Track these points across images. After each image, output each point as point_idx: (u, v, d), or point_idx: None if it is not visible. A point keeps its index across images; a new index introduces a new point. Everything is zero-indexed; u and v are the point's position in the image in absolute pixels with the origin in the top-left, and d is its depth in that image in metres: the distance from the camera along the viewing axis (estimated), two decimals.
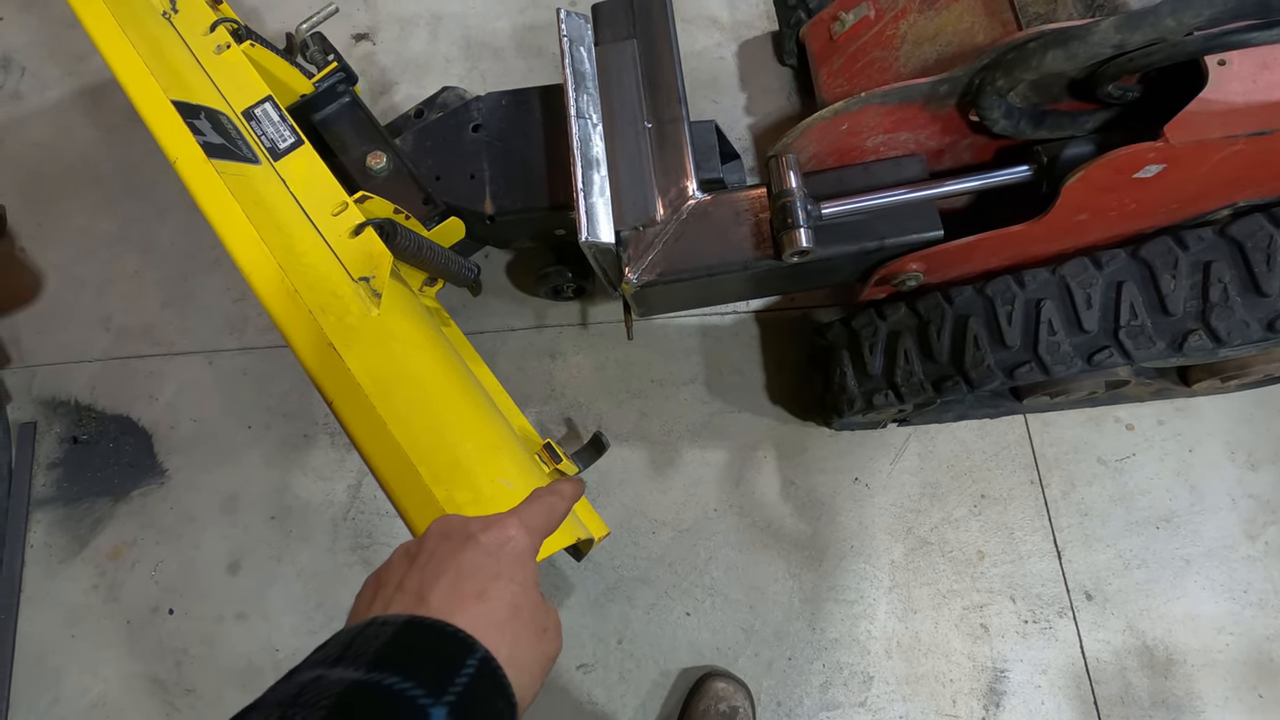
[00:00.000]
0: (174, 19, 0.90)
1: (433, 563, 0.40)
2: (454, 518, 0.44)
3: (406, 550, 0.42)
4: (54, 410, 1.22)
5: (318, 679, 0.33)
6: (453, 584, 0.39)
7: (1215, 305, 0.80)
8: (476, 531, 0.42)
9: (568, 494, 0.50)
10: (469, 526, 0.43)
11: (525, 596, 0.41)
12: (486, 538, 0.42)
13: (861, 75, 0.99)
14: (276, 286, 0.69)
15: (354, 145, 1.02)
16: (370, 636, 0.35)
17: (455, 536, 0.42)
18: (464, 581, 0.39)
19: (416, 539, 0.43)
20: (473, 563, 0.40)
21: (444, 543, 0.41)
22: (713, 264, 0.89)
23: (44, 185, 1.34)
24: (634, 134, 0.94)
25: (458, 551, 0.41)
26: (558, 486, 0.50)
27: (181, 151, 0.73)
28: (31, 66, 1.41)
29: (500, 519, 0.44)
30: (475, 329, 1.21)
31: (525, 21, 1.40)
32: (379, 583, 0.41)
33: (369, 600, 0.41)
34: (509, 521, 0.43)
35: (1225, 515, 1.08)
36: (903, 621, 1.06)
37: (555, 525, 0.48)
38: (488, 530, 0.42)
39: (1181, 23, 0.63)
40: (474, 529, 0.42)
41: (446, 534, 0.42)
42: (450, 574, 0.39)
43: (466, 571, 0.40)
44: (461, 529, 0.42)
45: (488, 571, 0.40)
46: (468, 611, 0.37)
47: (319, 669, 0.33)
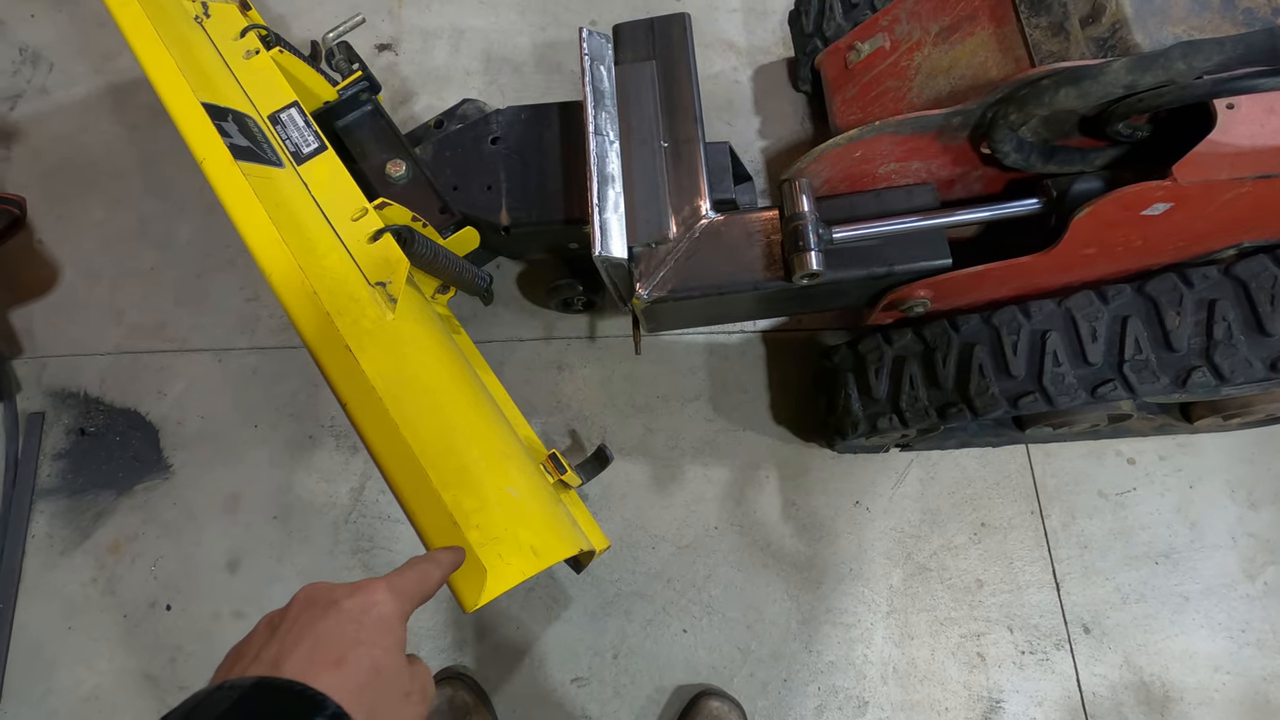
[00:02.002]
0: (206, 24, 0.92)
1: (293, 631, 0.41)
2: (321, 585, 0.44)
3: (270, 620, 0.43)
4: (63, 402, 1.23)
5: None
6: (310, 651, 0.39)
7: (1219, 343, 0.81)
8: (341, 598, 0.42)
9: (444, 562, 0.51)
10: (334, 593, 0.43)
11: (388, 660, 0.41)
12: (350, 603, 0.42)
13: (875, 104, 1.00)
14: (296, 287, 0.70)
15: (375, 153, 1.04)
16: (215, 702, 0.35)
17: (319, 604, 0.42)
18: (321, 648, 0.39)
19: (281, 609, 0.43)
20: (333, 630, 0.41)
21: (306, 610, 0.42)
22: (723, 283, 0.90)
23: (65, 179, 1.36)
24: (650, 152, 0.95)
25: (319, 619, 0.41)
26: (436, 555, 0.51)
27: (209, 152, 0.75)
28: (60, 63, 1.44)
29: (367, 584, 0.44)
30: (485, 338, 1.22)
31: (546, 38, 1.43)
32: (238, 654, 0.42)
33: (226, 671, 0.41)
34: (376, 587, 0.44)
35: (1225, 553, 1.08)
36: (899, 647, 1.05)
37: (429, 593, 0.49)
38: (353, 596, 0.43)
39: (1191, 66, 0.65)
40: (338, 595, 0.43)
41: (310, 602, 0.43)
42: (308, 641, 0.40)
43: (325, 638, 0.40)
44: (326, 596, 0.43)
45: (348, 638, 0.40)
46: (324, 677, 0.38)
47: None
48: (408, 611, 0.45)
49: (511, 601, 1.09)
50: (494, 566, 0.62)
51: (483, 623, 1.08)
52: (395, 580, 0.46)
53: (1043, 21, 0.84)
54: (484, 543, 0.63)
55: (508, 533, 0.66)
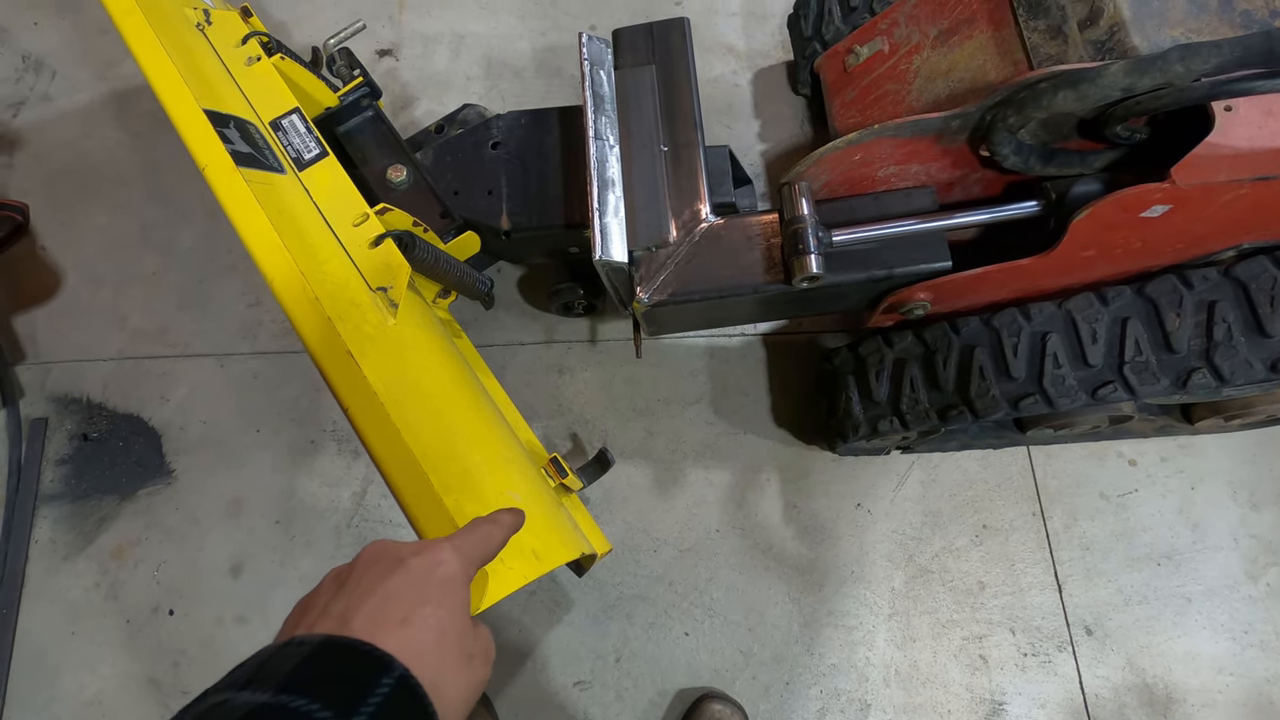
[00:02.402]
0: (208, 31, 0.92)
1: (359, 588, 0.40)
2: (386, 543, 0.44)
3: (336, 575, 0.43)
4: (66, 407, 1.23)
5: (224, 703, 0.32)
6: (376, 608, 0.39)
7: (1219, 344, 0.81)
8: (407, 556, 0.42)
9: (506, 524, 0.51)
10: (400, 551, 0.42)
11: (453, 622, 0.41)
12: (416, 562, 0.42)
13: (874, 107, 1.01)
14: (297, 293, 0.71)
15: (376, 158, 1.04)
16: (284, 658, 0.35)
17: (384, 561, 0.42)
18: (388, 606, 0.39)
19: (347, 564, 0.43)
20: (399, 587, 0.40)
21: (372, 568, 0.41)
22: (723, 286, 0.90)
23: (68, 185, 1.36)
24: (650, 157, 0.96)
25: (385, 576, 0.41)
26: (497, 516, 0.50)
27: (211, 159, 0.75)
28: (63, 70, 1.45)
29: (433, 544, 0.43)
30: (485, 342, 1.22)
31: (546, 43, 1.43)
32: (305, 607, 0.41)
33: (293, 625, 0.40)
34: (441, 547, 0.43)
35: (1227, 555, 1.08)
36: (901, 650, 1.05)
37: (492, 554, 0.48)
38: (418, 555, 0.42)
39: (1189, 69, 0.65)
40: (404, 554, 0.42)
41: (376, 559, 0.42)
42: (375, 598, 0.39)
43: (392, 596, 0.40)
44: (392, 553, 0.42)
45: (414, 597, 0.40)
46: (390, 636, 0.37)
47: (227, 692, 0.33)
48: (471, 573, 0.45)
49: (513, 605, 1.09)
50: (496, 570, 0.62)
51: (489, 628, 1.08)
52: (460, 541, 0.45)
53: (1041, 24, 0.84)
54: None
55: None
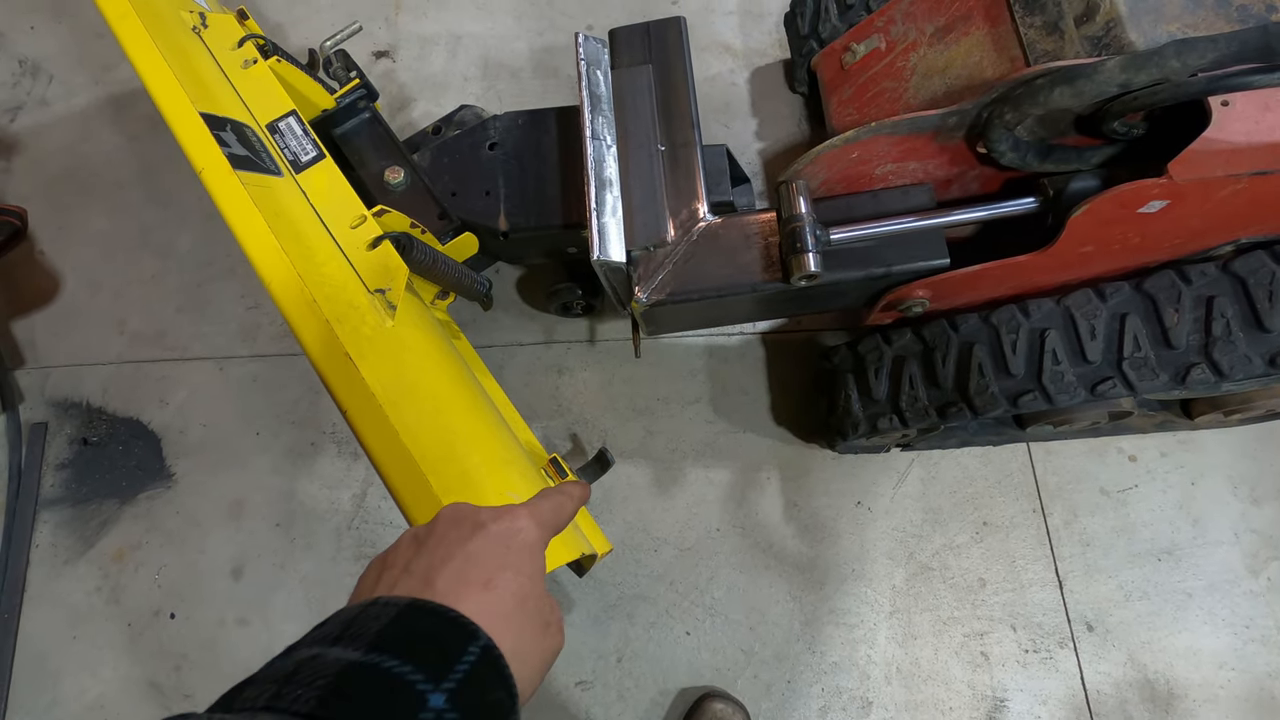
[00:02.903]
0: (204, 34, 0.92)
1: (441, 548, 0.40)
2: (464, 505, 0.43)
3: (415, 534, 0.42)
4: (66, 411, 1.23)
5: (315, 657, 0.32)
6: (459, 570, 0.38)
7: (1218, 339, 0.81)
8: (487, 520, 0.41)
9: (576, 495, 0.50)
10: (479, 515, 0.42)
11: (532, 589, 0.40)
12: (497, 527, 0.41)
13: (871, 105, 1.01)
14: (295, 296, 0.71)
15: (373, 160, 1.04)
16: (371, 617, 0.34)
17: (465, 524, 0.41)
18: (471, 568, 0.38)
19: (426, 524, 0.43)
20: (481, 551, 0.39)
21: (453, 529, 0.41)
22: (721, 285, 0.90)
23: (67, 190, 1.36)
24: (647, 156, 0.96)
25: (467, 539, 0.40)
26: (566, 487, 0.50)
27: (208, 162, 0.75)
28: (60, 74, 1.45)
29: (511, 510, 0.43)
30: (484, 342, 1.22)
31: (543, 43, 1.43)
32: (384, 564, 0.41)
33: (373, 582, 0.40)
34: (519, 513, 0.43)
35: (1228, 549, 1.08)
36: (903, 647, 1.05)
37: (564, 524, 0.48)
38: (498, 520, 0.42)
39: (1185, 64, 0.65)
40: (484, 518, 0.42)
41: (456, 520, 0.42)
42: (458, 560, 0.39)
43: (474, 559, 0.39)
44: (472, 517, 0.42)
45: (495, 561, 0.39)
46: (473, 599, 0.37)
47: (317, 647, 0.33)
48: (547, 540, 0.44)
49: None
50: None
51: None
52: (535, 508, 0.45)
53: (1037, 21, 0.84)
54: None
55: None
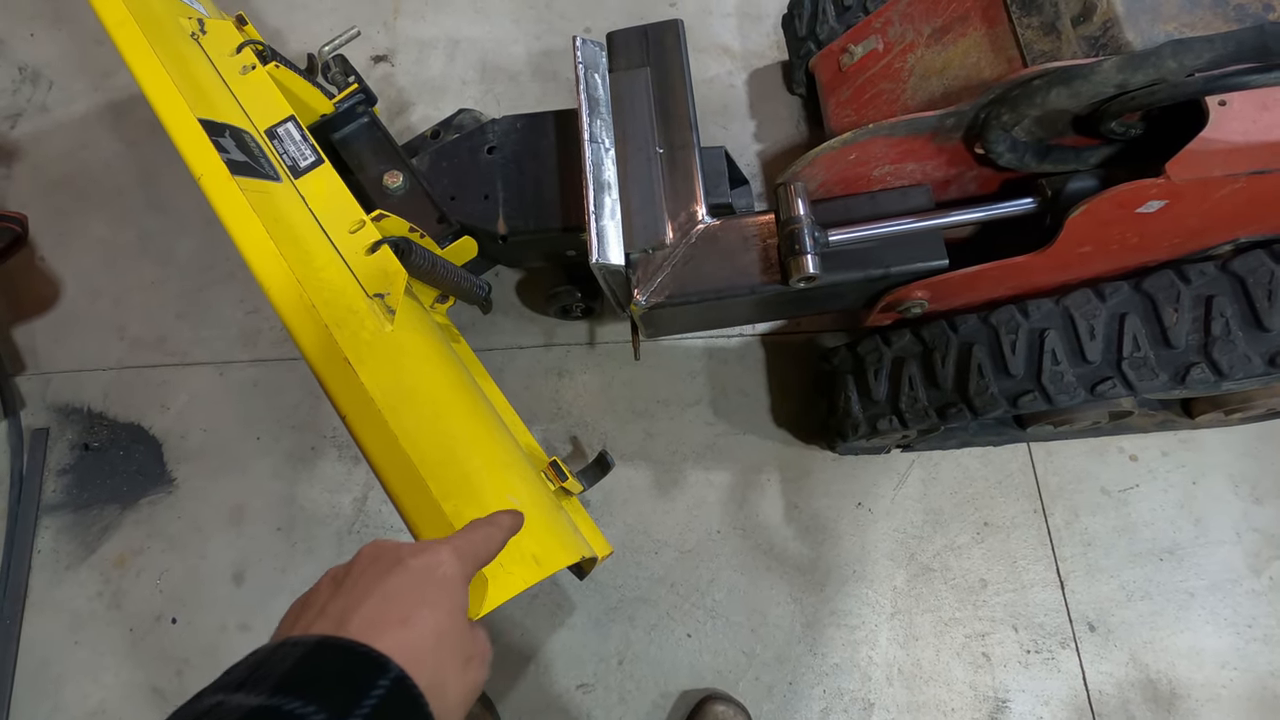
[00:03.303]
0: (202, 40, 0.92)
1: (358, 587, 0.40)
2: (386, 543, 0.44)
3: (334, 575, 0.42)
4: (67, 417, 1.23)
5: (218, 705, 0.32)
6: (376, 608, 0.38)
7: (1217, 339, 0.81)
8: (406, 556, 0.42)
9: (506, 525, 0.51)
10: (399, 551, 0.42)
11: (451, 623, 0.40)
12: (416, 562, 0.41)
13: (869, 106, 1.01)
14: (294, 301, 0.71)
15: (372, 164, 1.04)
16: (280, 659, 0.35)
17: (383, 561, 0.42)
18: (387, 606, 0.39)
19: (345, 564, 0.43)
20: (398, 587, 0.40)
21: (372, 566, 0.41)
22: (720, 288, 0.90)
23: (66, 196, 1.37)
24: (645, 159, 0.96)
25: (384, 576, 0.40)
26: (496, 518, 0.50)
27: (206, 168, 0.75)
28: (59, 81, 1.45)
29: (432, 544, 0.43)
30: (484, 346, 1.22)
31: (541, 47, 1.43)
32: (303, 606, 0.41)
33: (290, 625, 0.40)
34: (440, 548, 0.43)
35: (1230, 549, 1.08)
36: (904, 648, 1.05)
37: (491, 555, 0.48)
38: (417, 555, 0.42)
39: (1182, 65, 0.65)
40: (404, 554, 0.42)
41: (375, 558, 0.42)
42: (374, 598, 0.39)
43: (391, 596, 0.39)
44: (391, 553, 0.42)
45: (413, 597, 0.40)
46: (389, 636, 0.37)
47: (222, 694, 0.33)
48: (470, 574, 0.45)
49: (515, 608, 1.09)
50: (496, 575, 0.62)
51: (486, 630, 1.08)
52: (459, 541, 0.45)
53: (1034, 21, 0.84)
54: None
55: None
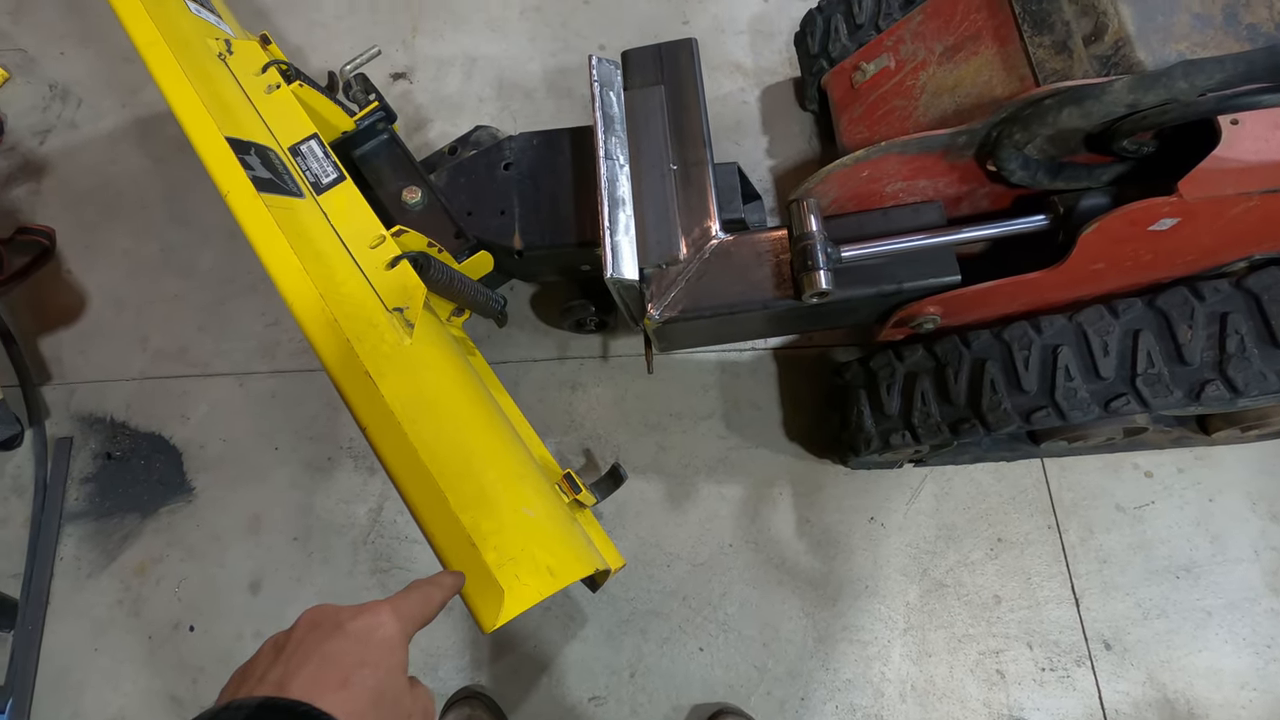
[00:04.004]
0: (229, 60, 0.95)
1: (299, 652, 0.41)
2: (326, 608, 0.45)
3: (275, 641, 0.44)
4: (90, 427, 1.26)
5: None
6: (315, 672, 0.40)
7: (1232, 356, 0.81)
8: (345, 620, 0.43)
9: (447, 585, 0.53)
10: (339, 615, 0.44)
11: (391, 682, 0.42)
12: (355, 625, 0.43)
13: (881, 123, 1.02)
14: (317, 315, 0.72)
15: (391, 180, 1.07)
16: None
17: (324, 626, 0.43)
18: (327, 669, 0.40)
19: (286, 630, 0.44)
20: (338, 650, 0.41)
21: (311, 632, 0.43)
22: (733, 302, 0.91)
23: (93, 210, 1.40)
24: (659, 175, 0.97)
25: (324, 640, 0.42)
26: (439, 578, 0.53)
27: (233, 185, 0.77)
28: (88, 98, 1.49)
29: (372, 606, 0.45)
30: (499, 359, 1.24)
31: (556, 64, 1.46)
32: (244, 675, 0.42)
33: (233, 692, 0.41)
34: (380, 609, 0.45)
35: (1247, 567, 1.07)
36: (917, 665, 1.05)
37: (430, 615, 0.50)
38: (357, 618, 0.44)
39: (1193, 85, 0.66)
40: (343, 617, 0.44)
41: (315, 623, 0.43)
42: (314, 663, 0.40)
43: (331, 659, 0.41)
44: (331, 618, 0.44)
45: (352, 658, 0.41)
46: (328, 698, 0.38)
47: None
48: (410, 633, 0.46)
49: (529, 620, 1.09)
50: (511, 587, 0.63)
51: (501, 642, 1.09)
52: (399, 603, 0.47)
53: (1046, 40, 0.85)
54: (501, 563, 0.64)
55: (524, 553, 0.67)
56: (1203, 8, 0.78)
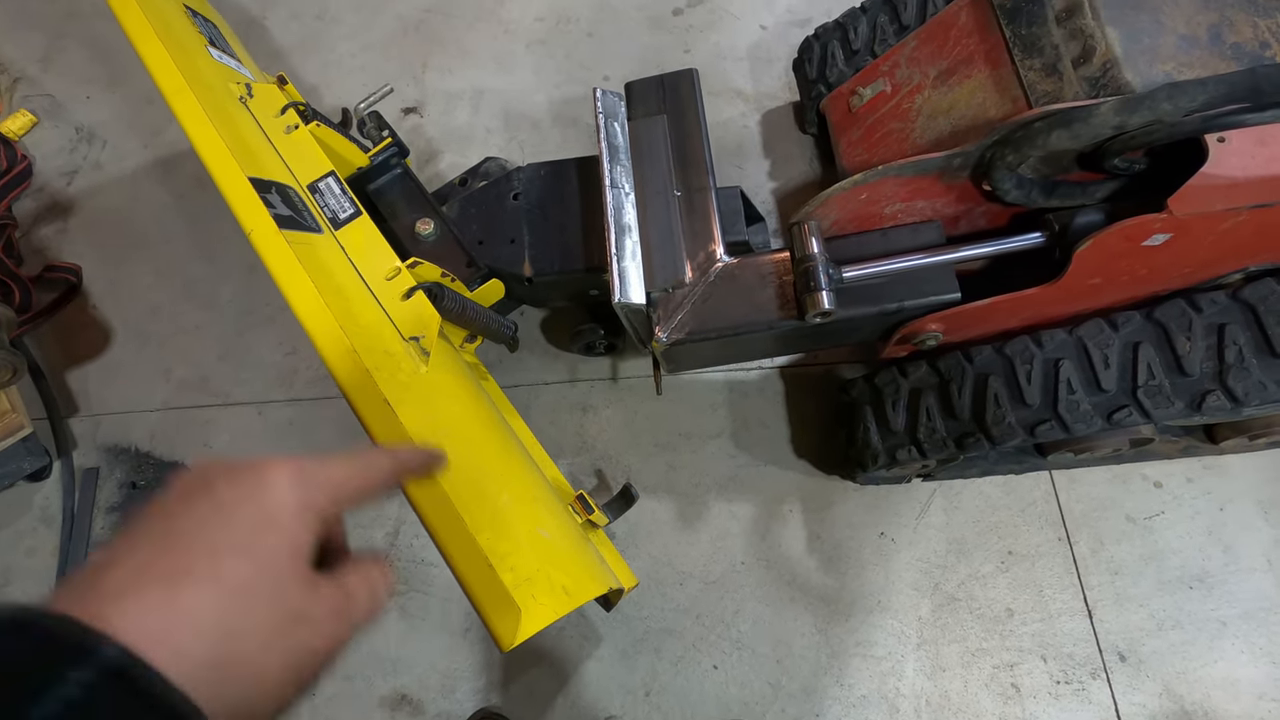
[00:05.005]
0: (250, 103, 0.99)
1: (143, 526, 0.30)
2: (211, 464, 0.33)
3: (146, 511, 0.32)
4: (116, 457, 1.29)
5: None
6: (147, 560, 0.29)
7: (1231, 366, 0.82)
8: (219, 481, 0.31)
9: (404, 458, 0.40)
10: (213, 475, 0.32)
11: (266, 573, 0.30)
12: (229, 491, 0.31)
13: (879, 145, 1.04)
14: (337, 346, 0.75)
15: (405, 213, 1.10)
16: None
17: (192, 490, 0.32)
18: (164, 556, 0.29)
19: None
20: (193, 526, 0.30)
21: (175, 499, 0.31)
22: (739, 324, 0.93)
23: (118, 247, 1.45)
24: (664, 202, 1.00)
25: (182, 512, 0.31)
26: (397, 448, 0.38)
27: (256, 223, 0.81)
28: (112, 139, 1.54)
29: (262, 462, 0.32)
30: (511, 383, 1.26)
31: (561, 95, 1.50)
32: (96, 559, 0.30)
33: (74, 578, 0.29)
34: (271, 467, 0.32)
35: (1261, 576, 1.07)
36: (931, 680, 1.05)
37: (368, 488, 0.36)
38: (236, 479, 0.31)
39: (1178, 106, 0.68)
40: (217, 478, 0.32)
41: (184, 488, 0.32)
42: (152, 544, 0.29)
43: (177, 540, 0.29)
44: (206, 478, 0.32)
45: (207, 541, 0.30)
46: (146, 598, 0.27)
47: None
48: (321, 506, 0.33)
49: (544, 641, 1.11)
50: (528, 606, 0.65)
51: (516, 663, 1.10)
52: (309, 463, 0.34)
53: (1036, 63, 0.87)
54: (518, 583, 0.66)
55: (540, 573, 0.69)
56: (1188, 29, 0.81)
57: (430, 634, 1.13)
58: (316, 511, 0.33)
